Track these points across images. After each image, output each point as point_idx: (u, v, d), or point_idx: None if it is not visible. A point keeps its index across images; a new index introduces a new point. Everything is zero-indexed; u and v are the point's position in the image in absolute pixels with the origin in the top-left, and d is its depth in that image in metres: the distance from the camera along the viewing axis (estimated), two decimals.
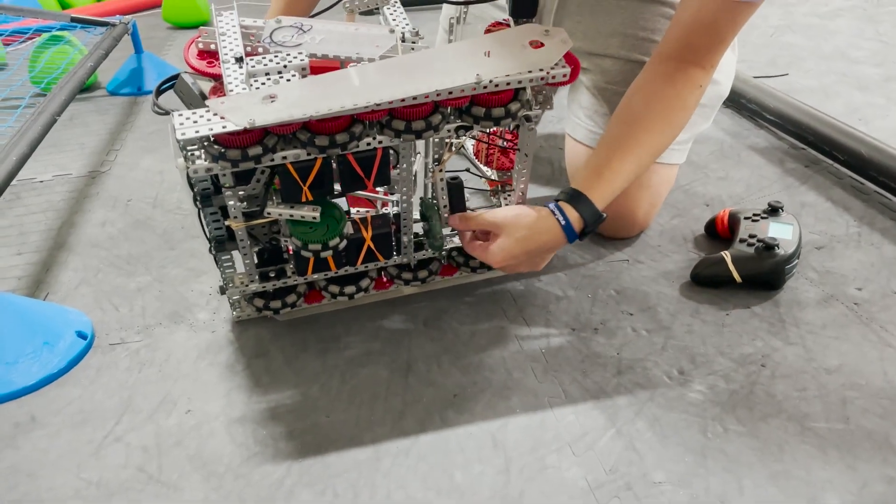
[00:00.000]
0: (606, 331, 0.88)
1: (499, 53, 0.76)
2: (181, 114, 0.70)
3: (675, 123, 0.88)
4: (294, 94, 0.71)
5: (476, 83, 0.73)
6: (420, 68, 0.74)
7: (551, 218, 0.82)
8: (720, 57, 0.89)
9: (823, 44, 1.87)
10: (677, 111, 0.88)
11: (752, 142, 1.34)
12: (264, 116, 0.68)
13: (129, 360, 0.86)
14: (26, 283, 1.00)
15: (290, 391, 0.80)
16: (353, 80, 0.73)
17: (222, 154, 0.70)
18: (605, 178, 0.85)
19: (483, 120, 0.78)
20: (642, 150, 0.86)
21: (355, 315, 0.92)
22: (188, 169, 0.72)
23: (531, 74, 0.75)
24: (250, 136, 0.70)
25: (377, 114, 0.73)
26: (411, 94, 0.71)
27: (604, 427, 0.74)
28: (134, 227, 1.14)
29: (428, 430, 0.75)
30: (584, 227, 0.84)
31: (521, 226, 0.82)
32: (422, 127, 0.75)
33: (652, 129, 0.86)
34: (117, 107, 1.66)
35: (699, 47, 0.86)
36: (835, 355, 0.82)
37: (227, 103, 0.70)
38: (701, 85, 0.87)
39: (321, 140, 0.72)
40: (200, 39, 0.82)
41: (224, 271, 0.85)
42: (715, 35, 0.86)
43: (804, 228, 1.05)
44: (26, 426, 0.77)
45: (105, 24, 1.68)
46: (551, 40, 0.77)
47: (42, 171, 1.33)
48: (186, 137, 0.68)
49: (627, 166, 0.85)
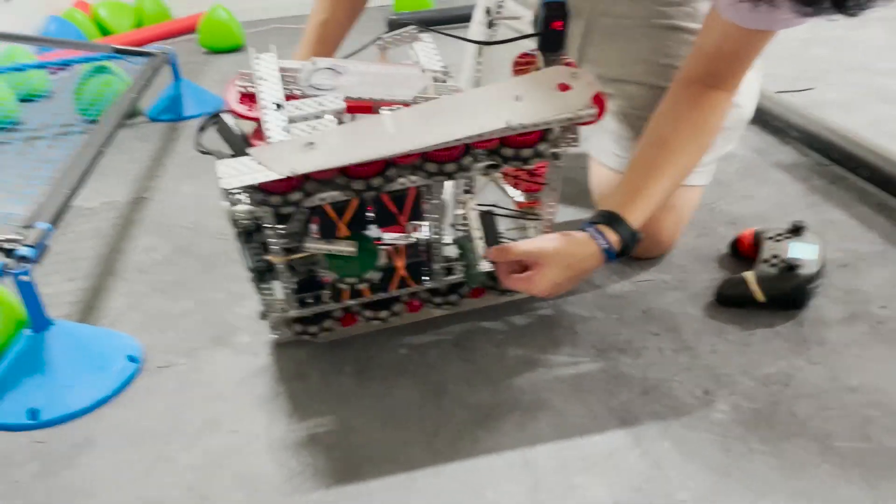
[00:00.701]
0: (632, 351, 0.90)
1: (528, 97, 0.79)
2: (225, 162, 0.74)
3: (703, 145, 0.92)
4: (332, 141, 0.75)
5: (508, 128, 0.76)
6: (451, 113, 0.78)
7: (592, 242, 0.85)
8: (742, 78, 0.92)
9: (849, 56, 1.87)
10: (704, 133, 0.92)
11: (778, 158, 1.36)
12: (304, 164, 0.72)
13: (176, 382, 0.90)
14: (79, 308, 1.06)
15: (328, 412, 0.84)
16: (387, 127, 0.76)
17: (265, 200, 0.75)
18: (639, 199, 0.88)
19: (512, 160, 0.81)
20: (674, 170, 0.90)
21: (388, 337, 0.95)
22: (233, 213, 0.77)
23: (559, 117, 0.78)
24: (291, 182, 0.74)
25: (410, 158, 0.77)
26: (443, 141, 0.75)
27: (630, 447, 0.77)
28: (177, 252, 1.19)
29: (460, 451, 0.78)
30: (623, 248, 0.86)
31: (563, 254, 0.85)
32: (453, 168, 0.79)
33: (682, 151, 0.91)
34: (158, 133, 1.73)
35: (723, 73, 0.91)
36: (858, 374, 0.84)
37: (268, 152, 0.74)
38: (726, 108, 0.92)
39: (357, 184, 0.76)
40: (240, 83, 0.86)
41: (264, 298, 0.90)
42: (737, 61, 0.90)
43: (829, 246, 1.06)
44: (83, 447, 0.82)
45: (146, 54, 1.75)
46: (579, 83, 0.80)
47: (90, 198, 1.40)
48: (231, 186, 0.72)
49: (660, 187, 0.89)
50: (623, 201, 0.88)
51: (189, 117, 1.81)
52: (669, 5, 1.04)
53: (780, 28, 0.84)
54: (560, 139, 0.83)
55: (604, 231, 0.86)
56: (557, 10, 0.83)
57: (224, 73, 2.21)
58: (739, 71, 0.91)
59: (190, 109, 1.82)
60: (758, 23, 0.83)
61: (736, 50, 0.88)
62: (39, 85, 1.92)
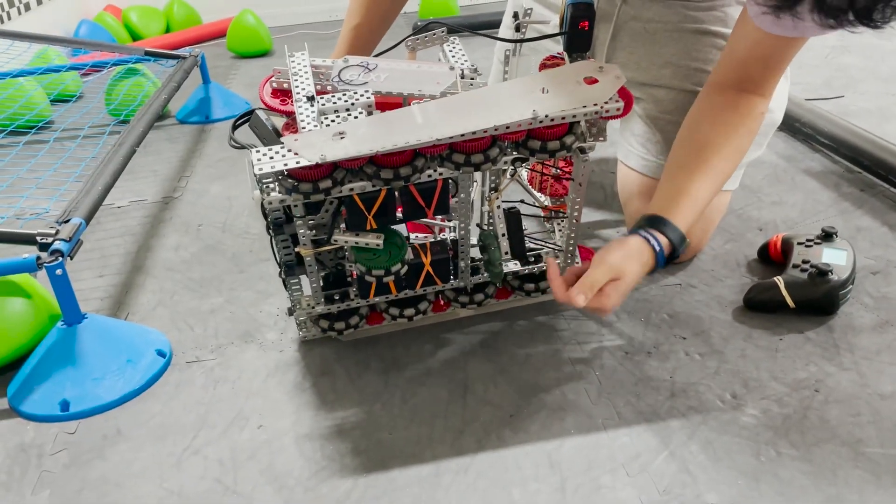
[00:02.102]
0: (659, 354, 0.90)
1: (554, 90, 0.79)
2: (258, 150, 0.76)
3: (741, 148, 0.92)
4: (361, 130, 0.76)
5: (532, 118, 0.77)
6: (478, 105, 0.79)
7: (647, 246, 0.84)
8: (776, 83, 0.92)
9: (881, 64, 1.86)
10: (743, 136, 0.91)
11: (807, 165, 1.34)
12: (334, 152, 0.73)
13: (204, 377, 0.91)
14: (108, 304, 1.08)
15: (354, 408, 0.84)
16: (415, 118, 0.77)
17: (295, 187, 0.76)
18: (683, 202, 0.87)
19: (539, 152, 0.81)
20: (714, 173, 0.89)
21: (414, 336, 0.96)
22: (263, 200, 0.78)
23: (585, 109, 0.78)
24: (321, 170, 0.75)
25: (438, 148, 0.78)
26: (471, 130, 0.76)
27: (657, 449, 0.76)
28: (205, 251, 1.20)
29: (486, 449, 0.78)
30: (672, 252, 0.86)
31: (633, 262, 0.83)
32: (480, 160, 0.79)
33: (722, 154, 0.90)
34: (187, 135, 1.75)
35: (756, 78, 0.90)
36: (889, 381, 0.82)
37: (300, 140, 0.75)
38: (762, 112, 0.91)
39: (386, 173, 0.77)
40: (275, 79, 0.88)
41: (292, 294, 0.90)
42: (770, 67, 0.90)
43: (860, 253, 1.05)
44: (113, 439, 0.83)
45: (176, 57, 1.77)
46: (605, 76, 0.81)
47: (119, 196, 1.42)
48: (263, 172, 0.74)
49: (703, 190, 0.88)
50: (667, 205, 0.87)
51: (217, 120, 1.83)
52: (700, 10, 1.03)
53: (809, 35, 0.84)
54: (587, 133, 0.83)
55: (655, 234, 0.85)
56: (584, 10, 0.83)
57: (252, 77, 2.24)
58: (772, 76, 0.91)
59: (218, 112, 1.84)
60: (785, 31, 0.82)
61: (768, 55, 0.88)
62: (71, 86, 1.96)
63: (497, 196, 0.93)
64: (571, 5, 0.83)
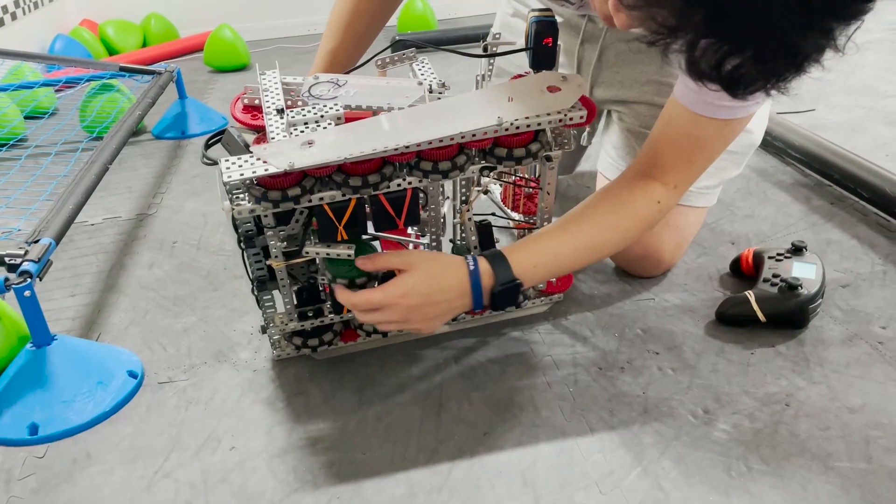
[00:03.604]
0: (633, 370, 0.90)
1: (519, 98, 0.81)
2: (227, 160, 0.76)
3: (622, 227, 0.87)
4: (330, 139, 0.76)
5: (497, 125, 0.78)
6: (446, 113, 0.79)
7: (463, 263, 0.81)
8: (688, 179, 0.88)
9: (851, 77, 1.89)
10: (628, 218, 0.87)
11: (779, 179, 1.36)
12: (303, 160, 0.74)
13: (176, 398, 0.90)
14: (80, 323, 1.06)
15: (329, 428, 0.84)
16: (383, 126, 0.78)
17: (264, 195, 0.76)
18: (530, 249, 0.84)
19: (505, 160, 0.82)
20: (580, 238, 0.85)
21: (390, 353, 0.95)
22: (233, 211, 0.77)
23: (549, 117, 0.79)
24: (290, 178, 0.75)
25: (406, 156, 0.79)
26: (437, 137, 0.76)
27: (630, 465, 0.76)
28: (179, 268, 1.19)
29: (460, 467, 0.78)
30: (494, 287, 0.81)
31: (429, 263, 0.81)
32: (448, 167, 0.80)
33: (597, 225, 0.86)
34: (162, 150, 1.74)
35: (664, 163, 0.87)
36: (858, 394, 0.83)
37: (269, 149, 0.75)
38: (659, 201, 0.87)
39: (355, 181, 0.77)
40: (246, 96, 0.88)
41: (265, 311, 0.90)
42: (679, 152, 0.86)
43: (829, 266, 1.06)
44: (82, 462, 0.82)
45: (152, 72, 1.77)
46: (567, 85, 0.82)
47: (93, 214, 1.41)
48: (232, 180, 0.74)
49: (559, 248, 0.85)
50: (514, 247, 0.84)
51: (194, 135, 1.82)
52: None
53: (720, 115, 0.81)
54: (552, 142, 0.84)
55: (479, 260, 0.81)
56: (547, 27, 0.84)
57: (229, 92, 2.23)
58: (682, 166, 0.87)
59: (194, 127, 1.83)
60: (697, 105, 0.81)
61: (680, 136, 0.85)
62: (45, 102, 1.94)
63: (468, 208, 0.93)
64: (535, 22, 0.84)
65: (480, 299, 0.81)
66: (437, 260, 0.82)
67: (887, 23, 2.38)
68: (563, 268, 0.87)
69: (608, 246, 0.88)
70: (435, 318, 0.82)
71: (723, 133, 0.84)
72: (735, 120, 0.83)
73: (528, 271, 0.83)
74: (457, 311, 0.83)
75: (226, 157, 0.82)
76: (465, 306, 0.82)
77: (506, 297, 0.82)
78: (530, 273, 0.83)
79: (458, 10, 3.06)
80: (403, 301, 0.79)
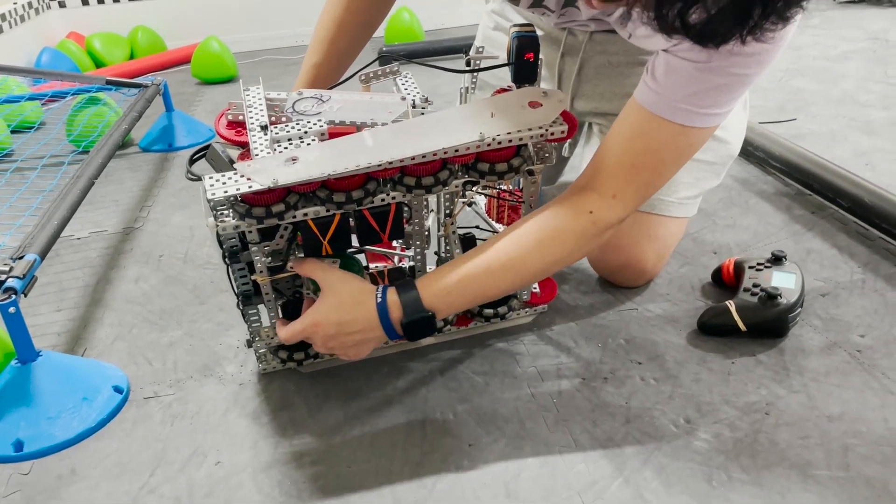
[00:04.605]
0: (616, 380, 0.91)
1: (501, 113, 0.82)
2: (211, 177, 0.77)
3: (548, 243, 0.82)
4: (313, 155, 0.77)
5: (480, 141, 0.79)
6: (428, 129, 0.80)
7: (371, 295, 0.79)
8: (631, 190, 0.83)
9: (833, 87, 1.91)
10: (556, 233, 0.82)
11: (760, 188, 1.38)
12: (286, 176, 0.74)
13: (162, 413, 0.91)
14: (66, 339, 1.06)
15: (314, 442, 0.84)
16: (366, 142, 0.79)
17: (248, 211, 0.76)
18: (444, 275, 0.80)
19: (488, 175, 0.83)
20: (496, 258, 0.81)
21: (375, 366, 0.96)
22: (217, 228, 0.78)
23: (531, 132, 0.81)
24: (274, 194, 0.76)
25: (389, 171, 0.79)
26: (420, 153, 0.77)
27: (612, 476, 0.77)
28: (166, 282, 1.20)
29: (444, 480, 0.78)
30: (403, 318, 0.78)
31: (342, 289, 0.80)
32: (431, 182, 0.81)
33: (516, 243, 0.82)
34: (149, 163, 1.74)
35: (605, 171, 0.83)
36: (837, 403, 0.85)
37: (252, 165, 0.76)
38: (591, 211, 0.82)
39: (338, 196, 0.78)
40: (230, 112, 0.89)
41: (251, 325, 0.90)
42: (625, 155, 0.82)
43: (809, 275, 1.08)
44: (67, 479, 0.82)
45: (138, 85, 1.77)
46: (548, 100, 0.83)
47: (79, 228, 1.41)
48: (216, 197, 0.74)
49: (474, 270, 0.80)
50: (429, 274, 0.82)
51: (181, 148, 1.83)
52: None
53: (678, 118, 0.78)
54: (534, 156, 0.85)
55: (388, 291, 0.79)
56: (529, 42, 0.85)
57: (216, 104, 2.23)
58: (624, 171, 0.82)
59: (182, 140, 1.84)
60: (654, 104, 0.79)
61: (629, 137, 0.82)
62: (32, 115, 1.94)
63: (452, 222, 0.94)
64: (517, 38, 0.85)
65: (392, 331, 0.79)
66: (350, 287, 0.80)
67: (869, 32, 2.42)
68: (482, 291, 0.82)
69: (533, 265, 0.82)
70: (355, 347, 0.82)
71: (677, 141, 0.80)
72: (693, 129, 0.79)
73: (441, 300, 0.79)
74: (375, 341, 0.82)
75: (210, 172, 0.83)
76: (381, 338, 0.81)
77: (417, 330, 0.79)
78: (444, 301, 0.80)
79: (444, 21, 3.08)
80: (319, 330, 0.80)
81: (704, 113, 0.79)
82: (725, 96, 0.78)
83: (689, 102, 0.78)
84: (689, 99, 0.77)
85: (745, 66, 0.75)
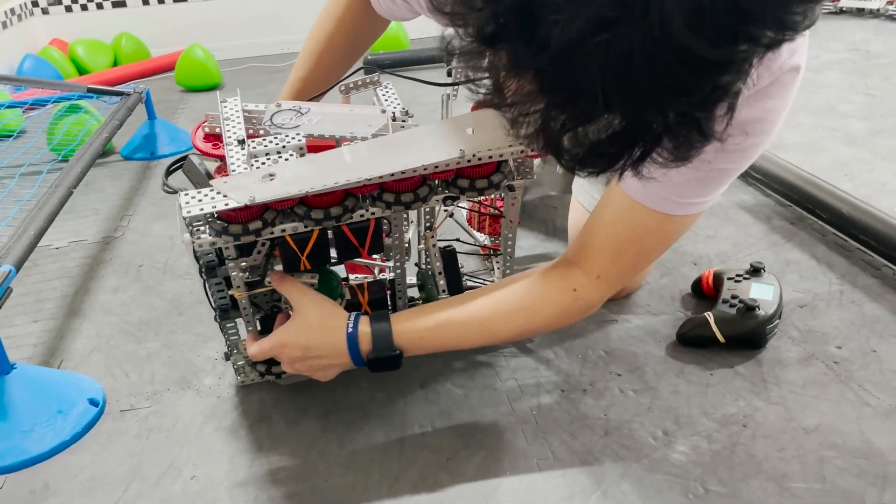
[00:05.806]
0: (595, 392, 0.91)
1: (481, 130, 0.81)
2: (187, 193, 0.76)
3: (526, 310, 0.83)
4: (291, 171, 0.76)
5: (460, 157, 0.78)
6: (408, 145, 0.80)
7: (343, 324, 0.80)
8: (614, 272, 0.82)
9: (813, 97, 1.93)
10: (536, 302, 0.83)
11: (740, 199, 1.39)
12: (264, 193, 0.74)
13: (137, 426, 0.90)
14: (41, 350, 1.05)
15: (291, 456, 0.84)
16: (345, 158, 0.78)
17: (225, 229, 0.76)
18: (420, 319, 0.81)
19: (468, 191, 0.83)
20: (472, 314, 0.82)
21: (354, 378, 0.95)
22: (193, 244, 0.77)
23: (511, 148, 0.80)
24: (251, 211, 0.75)
25: (368, 188, 0.79)
26: (399, 170, 0.77)
27: (590, 489, 0.77)
28: (145, 293, 1.19)
29: (422, 494, 0.78)
30: (371, 353, 0.79)
31: (313, 313, 0.80)
32: (410, 199, 0.80)
33: (496, 303, 0.82)
34: (131, 172, 1.73)
35: (591, 251, 0.82)
36: (814, 415, 0.85)
37: (229, 182, 0.75)
38: (575, 289, 0.82)
39: (317, 213, 0.78)
40: (207, 124, 0.88)
41: (229, 338, 0.90)
42: (609, 240, 0.81)
43: (788, 286, 1.08)
44: (41, 494, 0.81)
45: (120, 93, 1.76)
46: None
47: (58, 237, 1.40)
48: (192, 215, 0.74)
49: (449, 321, 0.81)
50: (404, 314, 0.83)
51: (163, 156, 1.82)
52: None
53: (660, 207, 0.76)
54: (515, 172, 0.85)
55: (361, 320, 0.80)
56: None
57: (200, 112, 2.22)
58: (608, 255, 0.81)
59: (164, 148, 1.83)
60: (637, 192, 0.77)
61: (614, 222, 0.81)
62: (13, 122, 1.92)
63: (432, 235, 0.94)
64: None
65: (360, 361, 0.80)
66: (321, 312, 0.80)
67: (849, 43, 2.44)
68: (454, 342, 0.83)
69: (508, 329, 0.83)
70: (322, 370, 0.82)
71: (662, 228, 0.79)
72: (676, 217, 0.77)
73: (413, 342, 0.81)
74: (342, 366, 0.82)
75: (188, 185, 0.83)
76: (348, 364, 0.81)
77: (382, 366, 0.80)
78: (415, 344, 0.81)
79: (430, 30, 3.08)
80: (285, 351, 0.81)
81: (687, 202, 0.76)
82: (709, 188, 0.76)
83: (673, 193, 0.75)
84: (672, 190, 0.75)
85: (729, 161, 0.73)
